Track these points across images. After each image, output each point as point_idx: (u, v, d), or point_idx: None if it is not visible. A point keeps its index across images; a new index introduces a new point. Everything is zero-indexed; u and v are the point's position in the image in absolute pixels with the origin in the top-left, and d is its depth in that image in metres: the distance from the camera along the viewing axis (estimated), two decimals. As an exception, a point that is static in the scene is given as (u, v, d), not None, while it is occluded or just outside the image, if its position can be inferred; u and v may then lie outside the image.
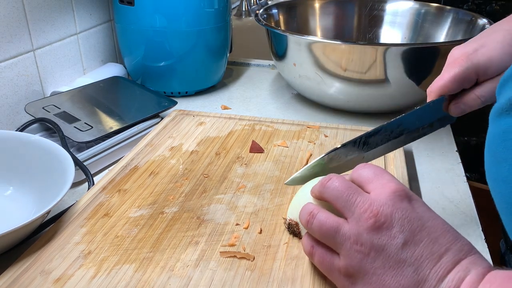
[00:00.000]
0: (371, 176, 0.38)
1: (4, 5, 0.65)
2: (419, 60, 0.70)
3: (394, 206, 0.35)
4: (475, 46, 0.46)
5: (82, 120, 0.66)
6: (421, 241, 0.33)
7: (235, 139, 0.66)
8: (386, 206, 0.35)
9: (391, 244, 0.33)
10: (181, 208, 0.50)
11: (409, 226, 0.34)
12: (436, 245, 0.33)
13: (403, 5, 0.96)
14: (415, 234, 0.34)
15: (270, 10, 0.92)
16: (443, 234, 0.34)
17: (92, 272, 0.41)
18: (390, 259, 0.33)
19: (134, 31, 0.81)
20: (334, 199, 0.38)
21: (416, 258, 0.33)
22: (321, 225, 0.37)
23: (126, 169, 0.57)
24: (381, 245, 0.34)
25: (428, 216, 0.35)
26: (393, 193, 0.35)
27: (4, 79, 0.67)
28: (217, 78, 0.91)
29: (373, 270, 0.34)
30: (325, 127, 0.69)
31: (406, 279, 0.33)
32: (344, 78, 0.72)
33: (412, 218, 0.34)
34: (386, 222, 0.34)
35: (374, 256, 0.34)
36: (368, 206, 0.35)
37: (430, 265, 0.33)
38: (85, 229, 0.47)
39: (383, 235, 0.34)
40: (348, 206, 0.36)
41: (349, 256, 0.35)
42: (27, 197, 0.52)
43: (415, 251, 0.33)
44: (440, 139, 0.72)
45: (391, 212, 0.34)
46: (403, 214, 0.34)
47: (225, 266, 0.42)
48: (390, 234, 0.34)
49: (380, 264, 0.34)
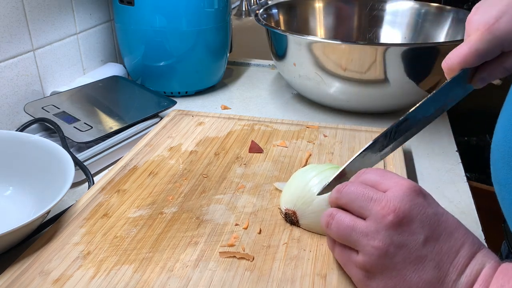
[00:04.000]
0: (379, 177, 0.38)
1: (4, 5, 0.65)
2: (419, 60, 0.70)
3: (412, 201, 0.35)
4: (495, 13, 0.40)
5: (81, 120, 0.66)
6: (440, 236, 0.34)
7: (234, 139, 0.66)
8: (404, 202, 0.34)
9: (412, 240, 0.34)
10: (180, 209, 0.50)
11: (428, 221, 0.34)
12: (453, 239, 0.34)
13: (403, 5, 0.96)
14: (434, 229, 0.34)
15: (270, 10, 0.91)
16: (456, 228, 0.35)
17: (92, 273, 0.41)
18: (411, 254, 0.34)
19: (134, 31, 0.81)
20: (351, 202, 0.37)
21: (436, 253, 0.33)
22: (338, 225, 0.37)
23: (125, 169, 0.57)
24: (402, 241, 0.34)
25: (441, 212, 0.36)
26: (409, 189, 0.35)
27: (4, 79, 0.67)
28: (217, 78, 0.91)
29: (393, 266, 0.34)
30: (324, 127, 0.69)
31: (428, 274, 0.33)
32: (344, 78, 0.72)
33: (429, 213, 0.35)
34: (405, 218, 0.34)
35: (394, 252, 0.34)
36: (385, 203, 0.35)
37: (450, 259, 0.33)
38: (84, 229, 0.47)
39: (403, 231, 0.34)
40: (365, 205, 0.36)
41: (367, 252, 0.35)
42: (27, 197, 0.52)
43: (435, 246, 0.34)
44: (440, 139, 0.72)
45: (410, 208, 0.34)
46: (420, 210, 0.34)
47: (225, 266, 0.42)
48: (410, 230, 0.34)
49: (400, 260, 0.34)
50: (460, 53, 0.42)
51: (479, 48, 0.41)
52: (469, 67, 0.42)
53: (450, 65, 0.43)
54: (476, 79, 0.44)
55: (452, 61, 0.42)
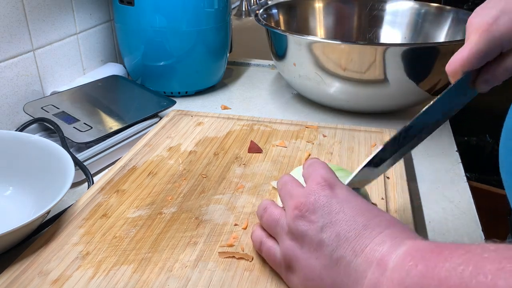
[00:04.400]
0: (310, 170, 0.41)
1: (4, 5, 0.65)
2: (419, 60, 0.70)
3: (316, 195, 0.37)
4: (494, 13, 0.41)
5: (81, 120, 0.66)
6: (339, 221, 0.35)
7: (233, 139, 0.66)
8: (309, 196, 0.37)
9: (312, 229, 0.36)
10: (180, 209, 0.50)
11: (328, 210, 0.36)
12: (354, 223, 0.35)
13: (403, 5, 0.95)
14: (333, 215, 0.35)
15: (270, 10, 0.91)
16: (361, 213, 0.36)
17: (91, 273, 0.41)
18: (313, 242, 0.35)
19: (134, 31, 0.81)
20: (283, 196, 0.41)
21: (333, 237, 0.35)
22: (269, 217, 0.40)
23: (124, 170, 0.57)
24: (304, 230, 0.36)
25: (349, 200, 0.37)
26: (316, 184, 0.38)
27: (4, 79, 0.67)
28: (217, 78, 0.91)
29: (302, 255, 0.36)
30: (324, 127, 0.69)
31: (326, 258, 0.34)
32: (344, 78, 0.72)
33: (331, 202, 0.36)
34: (308, 210, 0.36)
35: (301, 243, 0.36)
36: (296, 199, 0.38)
37: (347, 242, 0.34)
38: (83, 229, 0.47)
39: (305, 222, 0.36)
40: (286, 201, 0.39)
41: (282, 245, 0.38)
42: (27, 197, 0.52)
43: (333, 231, 0.35)
44: (440, 139, 0.72)
45: (313, 201, 0.37)
46: (322, 201, 0.37)
47: (224, 266, 0.42)
48: (310, 220, 0.36)
49: (306, 249, 0.36)
50: (462, 56, 0.42)
51: (479, 48, 0.41)
52: (471, 70, 0.42)
53: (453, 69, 0.43)
54: (479, 81, 0.44)
55: (455, 64, 0.43)
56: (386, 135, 0.66)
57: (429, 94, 0.76)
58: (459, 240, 0.51)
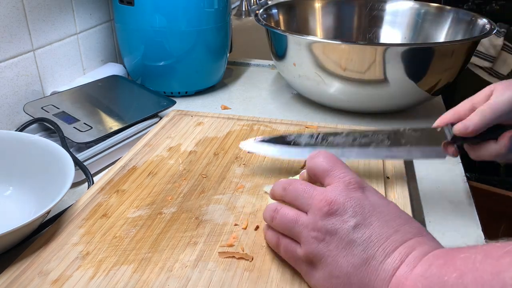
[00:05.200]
0: (327, 167, 0.40)
1: (4, 5, 0.65)
2: (418, 60, 0.70)
3: (348, 195, 0.37)
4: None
5: (81, 121, 0.66)
6: (371, 224, 0.36)
7: (233, 139, 0.66)
8: (340, 196, 0.37)
9: (343, 228, 0.36)
10: (180, 209, 0.50)
11: (361, 211, 0.36)
12: (386, 227, 0.36)
13: (403, 5, 0.96)
14: (366, 218, 0.36)
15: (270, 10, 0.91)
16: (393, 218, 0.36)
17: (91, 273, 0.41)
18: (343, 241, 0.36)
19: (134, 31, 0.81)
20: (295, 199, 0.40)
21: (365, 238, 0.35)
22: (283, 218, 0.40)
23: (124, 170, 0.57)
24: (334, 229, 0.36)
25: (380, 203, 0.38)
26: (347, 185, 0.38)
27: (4, 79, 0.67)
28: (217, 78, 0.91)
29: (328, 253, 0.36)
30: (324, 127, 0.69)
31: (356, 257, 0.35)
32: (344, 78, 0.72)
33: (364, 204, 0.37)
34: (339, 209, 0.37)
35: (329, 240, 0.36)
36: (323, 197, 0.38)
37: (378, 244, 0.35)
38: (83, 229, 0.47)
39: (336, 220, 0.36)
40: (307, 201, 0.39)
41: (307, 243, 0.38)
42: (27, 197, 0.52)
43: (365, 232, 0.36)
44: (439, 139, 0.72)
45: (344, 200, 0.37)
46: (355, 202, 0.37)
47: (224, 266, 0.42)
48: (342, 219, 0.36)
49: (334, 247, 0.36)
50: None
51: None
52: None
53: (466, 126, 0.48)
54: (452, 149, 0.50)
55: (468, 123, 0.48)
56: (386, 135, 0.66)
57: (429, 94, 0.76)
58: (459, 240, 0.51)
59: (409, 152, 0.50)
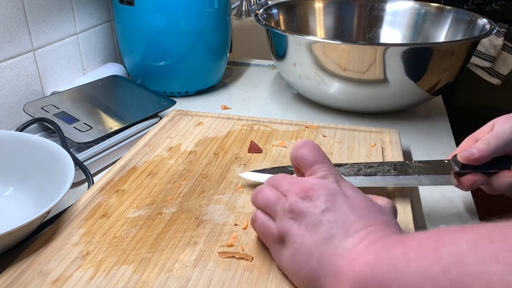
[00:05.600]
0: (310, 160, 0.43)
1: (4, 5, 0.65)
2: (418, 60, 0.70)
3: (324, 185, 0.40)
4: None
5: (81, 121, 0.66)
6: (340, 210, 0.38)
7: (233, 139, 0.66)
8: (317, 184, 0.40)
9: (314, 211, 0.39)
10: (180, 209, 0.50)
11: (332, 199, 0.39)
12: (353, 214, 0.38)
13: (403, 5, 0.96)
14: (336, 204, 0.39)
15: (270, 10, 0.92)
16: (363, 208, 0.39)
17: (91, 273, 0.41)
18: (311, 222, 0.39)
19: (134, 31, 0.81)
20: (279, 183, 0.43)
21: (331, 220, 0.38)
22: (265, 197, 0.43)
23: (124, 170, 0.57)
24: (306, 211, 0.39)
25: (354, 196, 0.40)
26: (326, 177, 0.41)
27: (4, 79, 0.67)
28: (217, 78, 0.91)
29: (297, 232, 0.39)
30: (323, 127, 0.69)
31: (319, 235, 0.38)
32: (344, 78, 0.72)
33: (337, 194, 0.40)
34: (314, 195, 0.39)
35: (301, 221, 0.39)
36: (302, 183, 0.41)
37: (342, 225, 0.38)
38: (83, 229, 0.47)
39: (309, 204, 0.39)
40: (289, 186, 0.42)
41: (282, 222, 0.40)
42: (27, 197, 0.52)
43: (332, 215, 0.38)
44: (440, 139, 0.72)
45: (320, 188, 0.40)
46: (329, 190, 0.40)
47: (224, 266, 0.42)
48: (314, 204, 0.39)
49: (303, 227, 0.39)
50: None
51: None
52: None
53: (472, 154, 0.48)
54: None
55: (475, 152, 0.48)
56: (386, 135, 0.66)
57: (429, 94, 0.76)
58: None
59: (418, 179, 0.50)
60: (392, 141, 0.64)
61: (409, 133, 0.74)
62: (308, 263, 0.38)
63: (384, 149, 0.63)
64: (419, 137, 0.73)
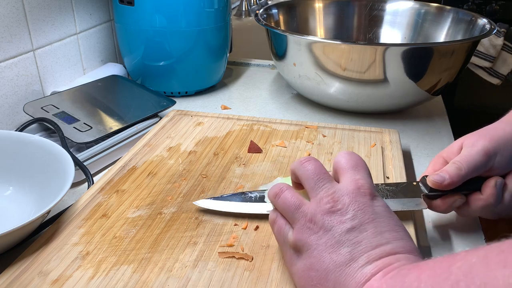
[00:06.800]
0: (348, 167, 0.40)
1: (4, 5, 0.65)
2: (418, 60, 0.70)
3: (354, 198, 0.37)
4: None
5: (81, 121, 0.66)
6: (366, 230, 0.36)
7: (233, 139, 0.66)
8: (347, 196, 0.37)
9: (339, 227, 0.36)
10: (179, 209, 0.50)
11: (361, 216, 0.36)
12: (379, 237, 0.36)
13: (403, 5, 0.96)
14: (363, 224, 0.36)
15: (270, 10, 0.92)
16: (390, 231, 0.36)
17: (90, 273, 0.41)
18: (333, 238, 0.36)
19: (134, 31, 0.81)
20: (306, 178, 0.40)
21: (355, 241, 0.36)
22: (286, 200, 0.40)
23: (124, 170, 0.57)
24: (330, 226, 0.36)
25: (383, 214, 0.37)
26: (358, 188, 0.38)
27: (4, 79, 0.67)
28: (217, 78, 0.91)
29: (316, 246, 0.37)
30: (323, 127, 0.69)
31: (340, 256, 0.35)
32: (344, 78, 0.72)
33: (367, 211, 0.37)
34: (342, 209, 0.37)
35: (322, 235, 0.37)
36: (331, 193, 0.38)
37: (365, 250, 0.35)
38: (83, 230, 0.47)
39: (334, 219, 0.37)
40: (315, 188, 0.39)
41: (301, 231, 0.38)
42: (27, 197, 0.52)
43: (357, 236, 0.36)
44: (440, 139, 0.72)
45: (349, 202, 0.37)
46: (359, 206, 0.37)
47: (224, 266, 0.42)
48: (341, 220, 0.36)
49: (323, 242, 0.36)
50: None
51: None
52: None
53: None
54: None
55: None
56: (386, 135, 0.66)
57: (429, 94, 0.76)
58: (460, 239, 0.51)
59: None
60: (392, 141, 0.64)
61: (409, 133, 0.74)
62: (323, 284, 0.36)
63: (384, 149, 0.63)
64: (419, 137, 0.73)
